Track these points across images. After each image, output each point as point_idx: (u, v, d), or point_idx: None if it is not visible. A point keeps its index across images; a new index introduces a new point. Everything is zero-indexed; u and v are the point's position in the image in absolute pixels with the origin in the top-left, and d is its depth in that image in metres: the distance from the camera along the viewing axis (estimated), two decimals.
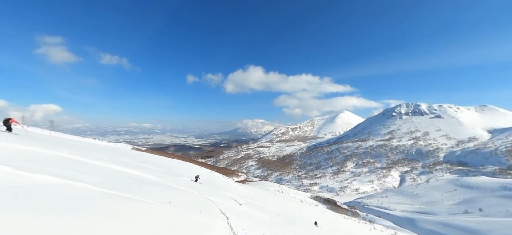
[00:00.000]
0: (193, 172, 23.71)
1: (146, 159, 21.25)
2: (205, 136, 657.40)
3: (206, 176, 24.82)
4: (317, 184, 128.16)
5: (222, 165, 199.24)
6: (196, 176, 16.27)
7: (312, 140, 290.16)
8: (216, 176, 30.98)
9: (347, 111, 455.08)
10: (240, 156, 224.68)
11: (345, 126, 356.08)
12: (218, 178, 28.51)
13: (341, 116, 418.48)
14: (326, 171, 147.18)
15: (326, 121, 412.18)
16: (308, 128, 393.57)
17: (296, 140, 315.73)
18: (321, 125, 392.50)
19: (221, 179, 29.91)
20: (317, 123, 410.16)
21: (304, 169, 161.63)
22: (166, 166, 20.17)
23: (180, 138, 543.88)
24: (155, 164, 18.38)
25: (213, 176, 31.22)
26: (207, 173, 30.64)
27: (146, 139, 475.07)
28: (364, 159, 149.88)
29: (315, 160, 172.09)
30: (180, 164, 30.73)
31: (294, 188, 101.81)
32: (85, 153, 10.76)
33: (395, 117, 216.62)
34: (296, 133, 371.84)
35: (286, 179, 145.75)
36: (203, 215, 5.30)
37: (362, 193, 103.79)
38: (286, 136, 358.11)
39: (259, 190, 44.66)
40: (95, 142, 37.92)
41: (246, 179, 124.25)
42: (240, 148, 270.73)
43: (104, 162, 9.10)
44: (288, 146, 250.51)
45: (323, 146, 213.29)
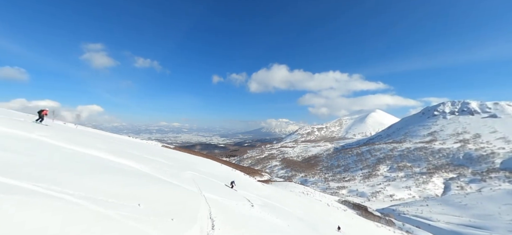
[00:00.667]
0: (211, 168, 24.23)
1: (168, 154, 21.84)
2: (229, 135, 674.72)
3: (225, 174, 25.19)
4: (345, 187, 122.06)
5: (245, 164, 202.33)
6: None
7: (340, 140, 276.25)
8: (236, 174, 31.01)
9: (379, 111, 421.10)
10: (263, 156, 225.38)
11: (377, 126, 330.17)
12: (238, 176, 28.91)
13: (372, 115, 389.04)
14: (356, 174, 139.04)
15: (355, 120, 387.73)
16: (336, 128, 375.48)
17: (322, 140, 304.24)
18: (350, 125, 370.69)
19: (242, 177, 30.24)
20: (345, 123, 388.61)
21: (331, 171, 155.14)
22: (185, 161, 19.84)
23: (206, 137, 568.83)
24: (172, 158, 18.33)
25: (233, 174, 32.18)
26: (228, 171, 31.05)
27: (175, 137, 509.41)
28: (399, 163, 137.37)
29: (343, 162, 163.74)
30: (201, 160, 30.97)
31: (320, 190, 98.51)
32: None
33: (437, 117, 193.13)
34: (322, 133, 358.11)
35: (312, 180, 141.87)
36: (175, 221, 3.78)
37: (397, 200, 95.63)
38: (312, 136, 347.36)
39: (282, 191, 44.14)
40: (129, 139, 42.47)
41: (269, 179, 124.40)
42: (263, 148, 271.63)
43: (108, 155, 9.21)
44: (313, 146, 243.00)
45: (352, 147, 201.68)
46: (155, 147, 35.89)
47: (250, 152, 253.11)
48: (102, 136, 23.14)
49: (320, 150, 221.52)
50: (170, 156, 19.96)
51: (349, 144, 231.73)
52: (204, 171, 17.54)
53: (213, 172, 19.77)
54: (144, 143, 39.20)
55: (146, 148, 23.01)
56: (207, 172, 17.72)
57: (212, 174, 17.07)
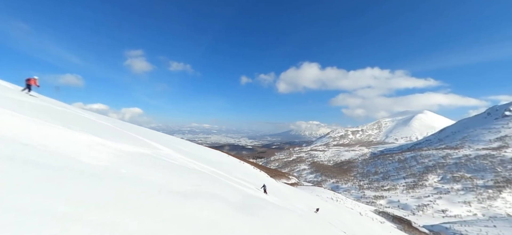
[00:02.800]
0: (224, 162, 23.50)
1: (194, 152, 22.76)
2: (257, 137, 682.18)
3: (247, 173, 24.61)
4: (384, 197, 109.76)
5: (272, 166, 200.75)
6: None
7: (378, 145, 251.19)
8: (257, 174, 30.24)
9: (428, 112, 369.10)
10: (291, 159, 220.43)
11: (425, 130, 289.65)
12: (259, 176, 28.05)
13: (419, 117, 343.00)
14: (397, 183, 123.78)
15: (397, 123, 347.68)
16: (373, 131, 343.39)
17: (358, 144, 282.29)
18: (391, 128, 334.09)
19: (264, 178, 29.22)
20: (385, 126, 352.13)
21: (367, 178, 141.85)
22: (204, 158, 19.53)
23: (234, 138, 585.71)
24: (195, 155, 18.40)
25: (254, 172, 31.00)
26: (250, 170, 30.36)
27: (205, 138, 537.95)
28: (455, 172, 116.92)
29: (382, 169, 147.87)
30: (223, 157, 29.83)
31: (353, 198, 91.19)
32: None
33: (509, 118, 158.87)
34: (357, 137, 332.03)
35: (344, 187, 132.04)
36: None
37: (452, 217, 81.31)
38: (345, 139, 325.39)
39: (309, 195, 41.87)
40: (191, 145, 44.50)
41: (296, 182, 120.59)
42: (292, 150, 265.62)
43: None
44: (347, 150, 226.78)
45: (393, 152, 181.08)
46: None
47: (278, 154, 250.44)
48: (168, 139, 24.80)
49: (355, 154, 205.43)
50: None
51: (389, 149, 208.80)
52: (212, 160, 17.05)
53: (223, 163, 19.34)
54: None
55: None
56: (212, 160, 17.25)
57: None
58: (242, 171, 23.44)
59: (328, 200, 48.54)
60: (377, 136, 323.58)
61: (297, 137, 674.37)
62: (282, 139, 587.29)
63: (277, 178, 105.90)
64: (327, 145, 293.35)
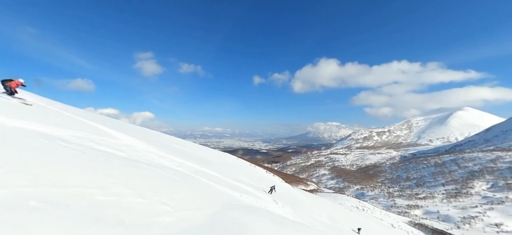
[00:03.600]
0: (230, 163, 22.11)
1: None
2: (272, 140, 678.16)
3: (257, 177, 22.56)
4: (419, 207, 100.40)
5: (289, 171, 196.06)
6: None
7: (409, 147, 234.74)
8: (270, 179, 28.04)
9: (469, 108, 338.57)
10: (309, 163, 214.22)
11: (467, 129, 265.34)
12: (271, 181, 25.26)
13: (458, 115, 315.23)
14: (435, 190, 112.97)
15: (431, 122, 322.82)
16: (402, 132, 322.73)
17: (384, 146, 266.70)
18: (423, 128, 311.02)
19: (277, 184, 26.46)
20: (416, 125, 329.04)
21: (397, 185, 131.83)
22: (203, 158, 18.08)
23: (248, 142, 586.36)
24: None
25: (265, 176, 28.58)
26: (262, 174, 28.60)
27: (218, 142, 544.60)
28: (509, 179, 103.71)
29: (416, 174, 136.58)
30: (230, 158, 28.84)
31: (382, 207, 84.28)
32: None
33: None
34: (383, 138, 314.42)
35: (370, 195, 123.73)
36: None
37: (507, 233, 71.25)
38: (369, 141, 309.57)
39: (331, 204, 38.01)
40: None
41: (316, 189, 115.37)
42: (310, 154, 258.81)
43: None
44: (372, 153, 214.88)
45: (427, 155, 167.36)
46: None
47: (295, 159, 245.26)
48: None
49: (381, 158, 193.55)
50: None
51: (423, 151, 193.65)
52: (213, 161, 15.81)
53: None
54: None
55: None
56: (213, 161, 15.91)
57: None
58: (250, 175, 21.78)
59: (352, 209, 45.51)
60: (407, 137, 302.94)
61: (315, 140, 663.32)
62: (299, 142, 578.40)
63: (294, 184, 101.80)
64: (349, 148, 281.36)
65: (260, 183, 18.48)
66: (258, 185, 16.65)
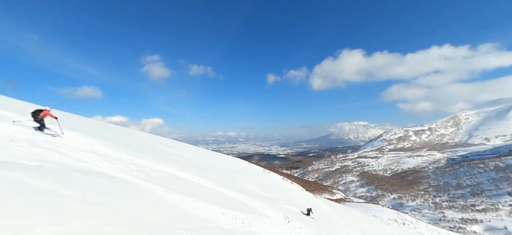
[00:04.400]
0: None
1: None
2: (290, 144, 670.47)
3: (271, 185, 20.60)
4: (478, 221, 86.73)
5: (311, 178, 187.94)
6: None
7: (458, 148, 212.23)
8: (286, 186, 25.41)
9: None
10: (334, 168, 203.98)
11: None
12: (288, 190, 23.19)
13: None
14: (498, 200, 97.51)
15: (487, 116, 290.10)
16: (448, 130, 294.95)
17: (425, 147, 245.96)
18: (476, 124, 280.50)
19: (296, 192, 24.88)
20: (466, 121, 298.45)
21: (446, 193, 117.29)
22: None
23: (264, 147, 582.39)
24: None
25: (281, 184, 25.78)
26: (277, 181, 26.12)
27: (231, 148, 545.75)
28: None
29: (470, 181, 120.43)
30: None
31: (427, 221, 75.32)
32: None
33: None
34: (423, 138, 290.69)
35: (411, 205, 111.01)
36: None
37: None
38: (406, 142, 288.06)
39: (363, 216, 33.87)
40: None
41: (343, 198, 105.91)
42: (334, 158, 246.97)
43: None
44: (410, 156, 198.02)
45: (484, 157, 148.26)
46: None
47: (317, 164, 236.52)
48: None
49: (422, 161, 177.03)
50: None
51: (477, 152, 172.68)
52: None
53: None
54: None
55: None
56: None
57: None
58: (262, 182, 20.14)
59: (390, 222, 42.33)
60: (454, 136, 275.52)
61: (340, 142, 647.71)
62: (321, 145, 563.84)
63: (318, 193, 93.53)
64: (381, 150, 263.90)
65: (274, 193, 16.64)
66: (271, 195, 14.99)
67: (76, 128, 12.06)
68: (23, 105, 15.47)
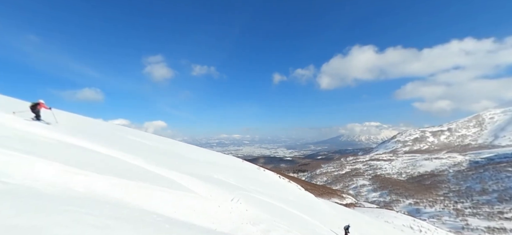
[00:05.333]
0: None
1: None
2: (298, 146, 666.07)
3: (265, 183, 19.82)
4: (507, 230, 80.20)
5: (319, 181, 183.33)
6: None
7: (481, 149, 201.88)
8: (282, 185, 24.26)
9: None
10: (344, 172, 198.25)
11: None
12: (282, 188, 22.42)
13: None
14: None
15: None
16: (470, 130, 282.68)
17: (444, 149, 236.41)
18: (503, 124, 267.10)
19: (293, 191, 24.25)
20: (490, 120, 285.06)
21: (469, 199, 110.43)
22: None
23: (270, 149, 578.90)
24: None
25: (277, 182, 24.75)
26: (273, 179, 25.33)
27: (236, 151, 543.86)
28: None
29: (496, 185, 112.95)
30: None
31: (448, 229, 72.81)
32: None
33: None
34: (442, 139, 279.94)
35: (429, 212, 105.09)
36: None
37: None
38: (422, 143, 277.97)
39: (374, 222, 32.12)
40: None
41: (354, 203, 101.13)
42: (344, 161, 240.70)
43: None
44: (427, 159, 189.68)
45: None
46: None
47: (325, 167, 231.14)
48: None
49: (441, 164, 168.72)
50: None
51: (504, 154, 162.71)
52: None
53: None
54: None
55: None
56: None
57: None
58: (245, 175, 19.10)
59: (405, 229, 41.59)
60: (477, 137, 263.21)
61: (350, 144, 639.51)
62: (329, 147, 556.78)
63: (326, 197, 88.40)
64: (395, 152, 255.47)
65: (251, 185, 14.84)
66: (245, 186, 12.84)
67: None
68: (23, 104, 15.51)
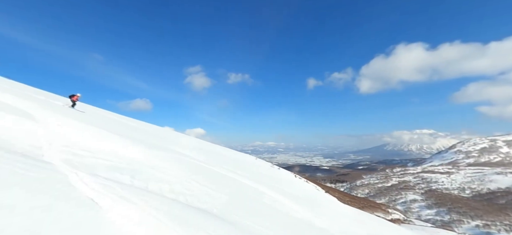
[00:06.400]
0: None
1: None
2: (336, 155, 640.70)
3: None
4: None
5: (359, 193, 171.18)
6: None
7: None
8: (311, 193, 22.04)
9: None
10: (390, 184, 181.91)
11: None
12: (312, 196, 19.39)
13: None
14: None
15: None
16: None
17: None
18: None
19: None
20: None
21: None
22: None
23: (305, 158, 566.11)
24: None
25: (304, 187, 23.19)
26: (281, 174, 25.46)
27: (270, 158, 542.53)
28: None
29: None
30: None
31: None
32: None
33: None
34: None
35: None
36: None
37: None
38: (492, 154, 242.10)
39: None
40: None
41: (402, 219, 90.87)
42: (390, 172, 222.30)
43: None
44: (499, 173, 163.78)
45: None
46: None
47: (367, 178, 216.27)
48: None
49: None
50: None
51: None
52: None
53: None
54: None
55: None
56: None
57: None
58: (247, 168, 18.32)
59: None
60: None
61: (397, 154, 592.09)
62: (372, 157, 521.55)
63: (368, 211, 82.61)
64: (455, 164, 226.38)
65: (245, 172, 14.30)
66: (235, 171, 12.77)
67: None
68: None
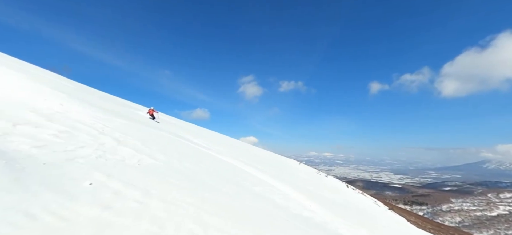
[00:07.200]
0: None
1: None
2: (411, 171, 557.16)
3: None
4: None
5: (447, 221, 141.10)
6: None
7: None
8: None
9: None
10: (495, 213, 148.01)
11: None
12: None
13: None
14: None
15: None
16: None
17: None
18: None
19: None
20: None
21: None
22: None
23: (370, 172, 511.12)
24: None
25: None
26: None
27: (328, 170, 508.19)
28: None
29: None
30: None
31: None
32: None
33: None
34: None
35: None
36: None
37: None
38: None
39: None
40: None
41: None
42: (493, 197, 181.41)
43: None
44: None
45: None
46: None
47: (458, 202, 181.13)
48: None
49: None
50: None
51: None
52: None
53: None
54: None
55: None
56: None
57: None
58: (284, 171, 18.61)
59: None
60: None
61: (503, 174, 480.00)
62: (464, 176, 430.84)
63: None
64: None
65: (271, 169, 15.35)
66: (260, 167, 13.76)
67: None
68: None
